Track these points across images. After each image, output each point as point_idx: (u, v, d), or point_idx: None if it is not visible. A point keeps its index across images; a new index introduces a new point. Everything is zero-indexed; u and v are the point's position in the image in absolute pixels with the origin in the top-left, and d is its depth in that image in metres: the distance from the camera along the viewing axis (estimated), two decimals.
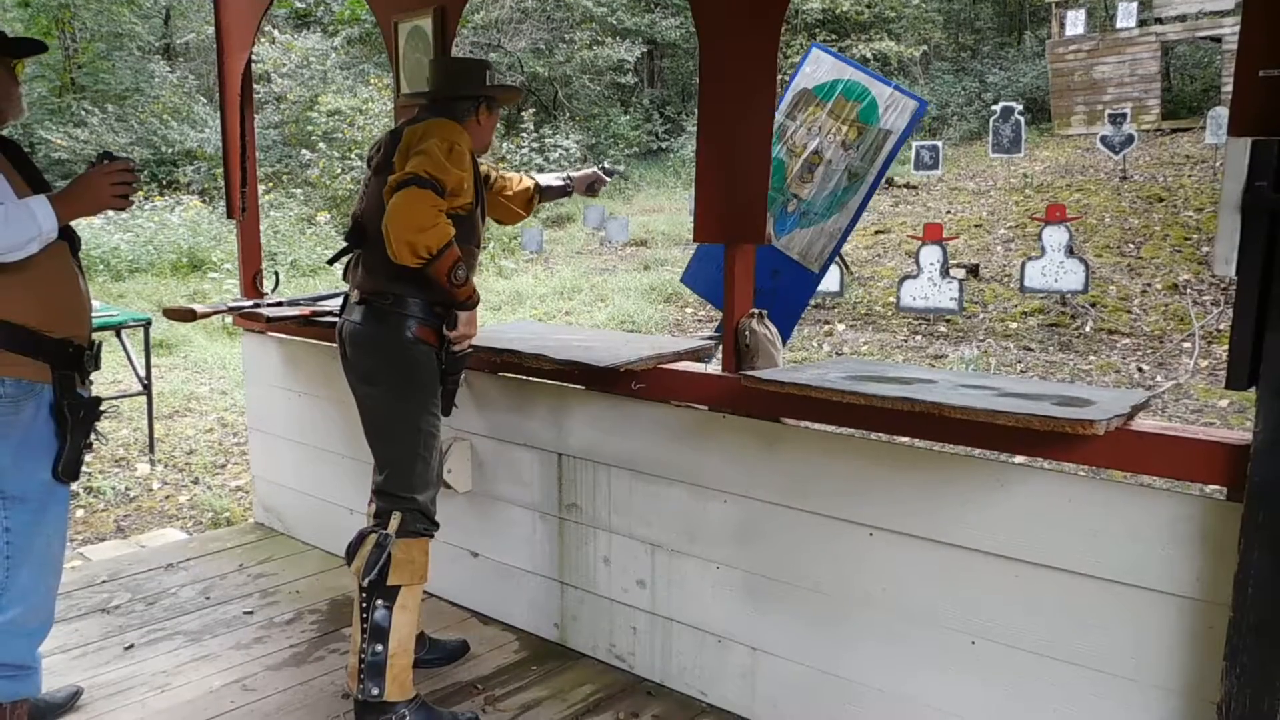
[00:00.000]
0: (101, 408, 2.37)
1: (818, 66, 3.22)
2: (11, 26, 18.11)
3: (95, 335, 2.41)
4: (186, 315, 3.33)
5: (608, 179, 3.15)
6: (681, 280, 3.66)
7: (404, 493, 2.48)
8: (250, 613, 3.26)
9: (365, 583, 2.43)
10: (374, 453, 2.54)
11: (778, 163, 3.13)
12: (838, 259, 9.78)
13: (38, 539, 2.23)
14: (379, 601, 2.43)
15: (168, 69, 18.22)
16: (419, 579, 2.50)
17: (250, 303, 3.64)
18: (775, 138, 3.34)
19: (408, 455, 2.48)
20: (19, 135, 17.02)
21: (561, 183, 3.11)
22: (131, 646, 3.00)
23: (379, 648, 2.42)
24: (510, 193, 2.97)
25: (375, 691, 2.43)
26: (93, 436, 2.34)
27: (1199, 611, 1.87)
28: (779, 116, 3.19)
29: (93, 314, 2.44)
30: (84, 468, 2.38)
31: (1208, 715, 1.86)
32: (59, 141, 15.19)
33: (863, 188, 2.86)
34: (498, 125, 2.66)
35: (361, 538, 2.47)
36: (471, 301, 2.44)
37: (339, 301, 3.65)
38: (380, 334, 2.45)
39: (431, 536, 2.55)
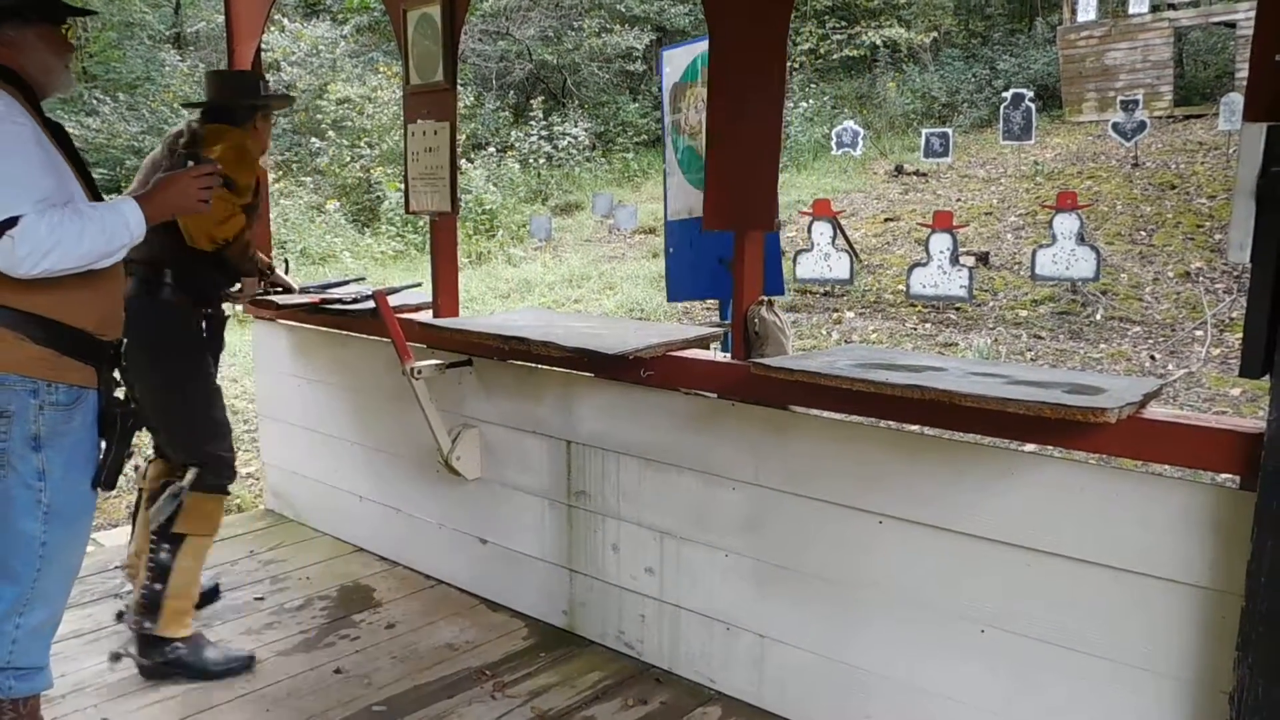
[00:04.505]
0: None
1: (673, 63, 3.38)
2: None
3: None
4: None
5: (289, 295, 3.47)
6: (669, 300, 3.73)
7: (195, 446, 2.74)
8: (260, 599, 3.28)
9: (154, 528, 2.71)
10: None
11: (690, 152, 3.22)
12: (846, 247, 9.75)
13: (72, 551, 2.20)
14: (165, 545, 2.70)
15: (178, 58, 18.21)
16: (206, 532, 2.76)
17: (260, 289, 3.63)
18: (670, 135, 3.47)
19: (187, 409, 2.77)
20: None
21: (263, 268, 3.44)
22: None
23: (158, 586, 2.69)
24: None
25: (148, 625, 2.69)
26: (132, 445, 2.29)
27: (1211, 601, 1.86)
28: (665, 121, 3.40)
29: None
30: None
31: (1219, 705, 1.86)
32: (71, 130, 15.20)
33: None
34: (505, 114, 2.75)
35: (163, 488, 2.74)
36: (253, 274, 2.98)
37: (350, 289, 3.67)
38: (143, 300, 2.70)
39: (227, 493, 2.83)
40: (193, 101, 3.20)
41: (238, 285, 2.93)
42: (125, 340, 2.27)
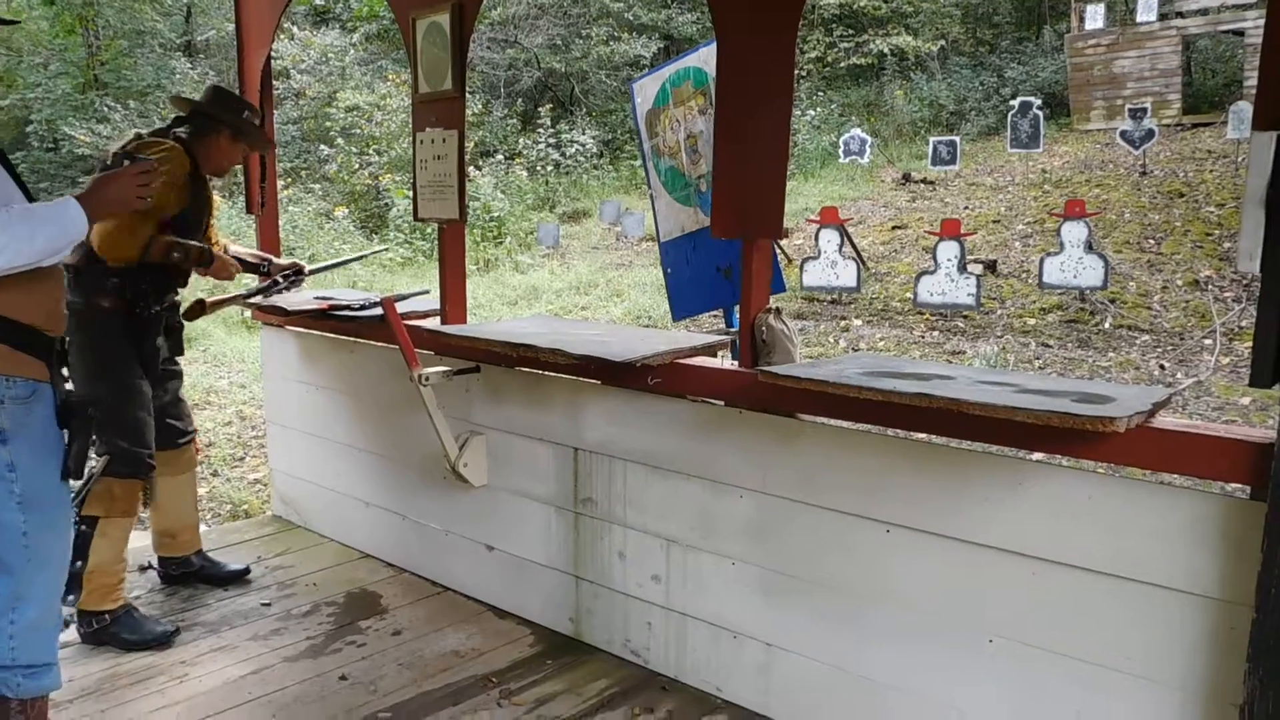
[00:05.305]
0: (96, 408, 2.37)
1: (643, 93, 3.52)
2: (37, 24, 18.26)
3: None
4: (197, 309, 3.31)
5: (301, 278, 3.57)
6: (675, 319, 3.75)
7: (108, 438, 2.95)
8: (268, 605, 3.29)
9: (73, 509, 2.88)
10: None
11: (672, 172, 3.31)
12: (854, 254, 9.74)
13: (54, 542, 2.24)
14: (83, 526, 2.91)
15: (189, 65, 18.33)
16: (119, 514, 2.97)
17: (264, 285, 3.55)
18: (651, 160, 3.58)
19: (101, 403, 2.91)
20: (43, 131, 17.20)
21: (257, 262, 3.56)
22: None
23: (79, 563, 2.89)
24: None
25: (70, 598, 2.88)
26: (93, 435, 2.34)
27: (1221, 612, 1.85)
28: (645, 148, 3.51)
29: None
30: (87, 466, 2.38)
31: (1229, 717, 1.84)
32: (82, 138, 15.33)
33: None
34: (513, 122, 2.77)
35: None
36: (205, 260, 3.07)
37: (357, 296, 3.68)
38: (75, 302, 2.91)
39: (139, 478, 3.00)
40: (181, 96, 3.35)
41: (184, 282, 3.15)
42: (66, 338, 2.32)
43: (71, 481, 2.59)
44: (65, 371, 2.29)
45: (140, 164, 2.36)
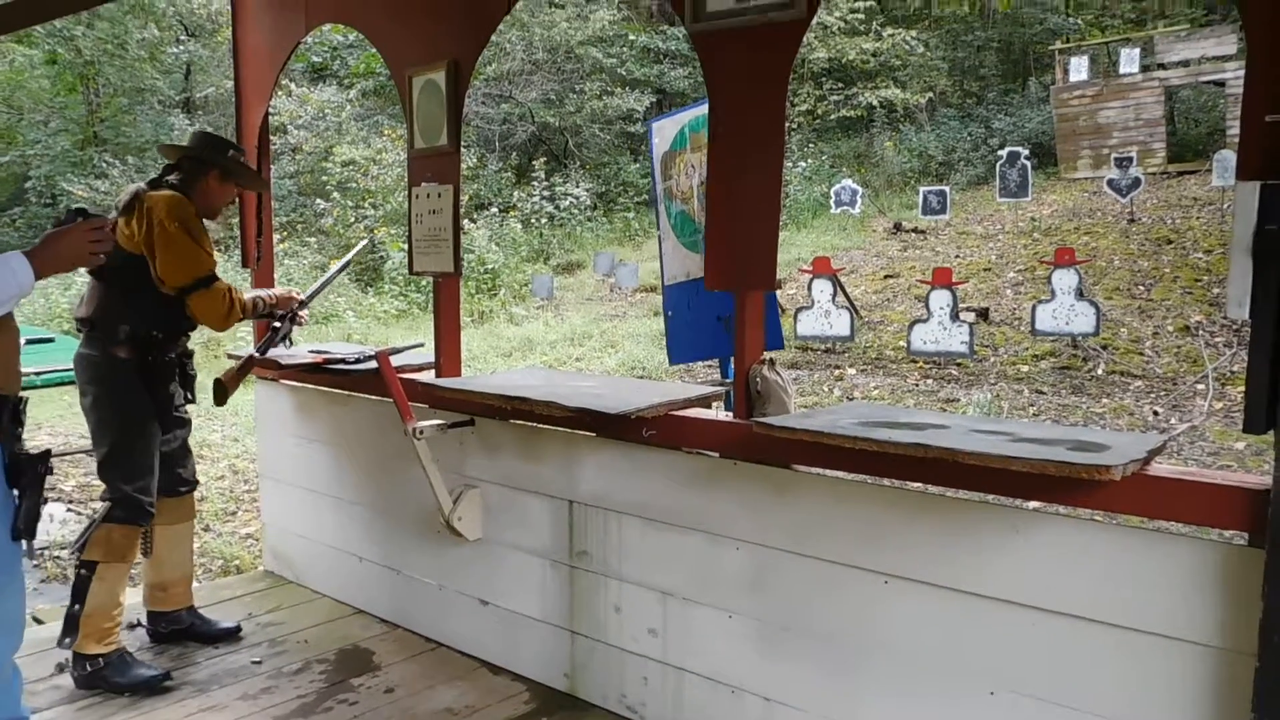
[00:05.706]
0: (51, 461, 2.34)
1: (661, 134, 3.55)
2: (38, 83, 18.53)
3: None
4: (221, 393, 3.28)
5: (300, 311, 3.52)
6: (671, 363, 3.79)
7: (113, 483, 3.01)
8: (258, 662, 3.23)
9: (73, 552, 3.04)
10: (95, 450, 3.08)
11: (683, 217, 3.33)
12: (847, 304, 9.80)
13: (4, 603, 2.18)
14: (81, 570, 2.96)
15: (187, 122, 18.58)
16: (117, 559, 2.98)
17: (268, 336, 3.55)
18: (662, 202, 3.62)
19: (110, 449, 3.01)
20: (42, 187, 17.36)
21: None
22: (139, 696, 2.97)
23: (76, 606, 2.94)
24: None
25: (68, 641, 2.93)
26: (45, 491, 2.28)
27: (1223, 660, 1.83)
28: (657, 190, 3.56)
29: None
30: (39, 524, 2.31)
31: None
32: (80, 193, 15.48)
33: None
34: (507, 175, 2.84)
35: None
36: (272, 301, 3.32)
37: (351, 349, 3.68)
38: (92, 354, 3.04)
39: (139, 526, 3.02)
40: (168, 144, 3.39)
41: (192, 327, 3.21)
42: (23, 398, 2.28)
43: (62, 529, 2.56)
44: (19, 431, 2.23)
45: (93, 220, 2.34)
